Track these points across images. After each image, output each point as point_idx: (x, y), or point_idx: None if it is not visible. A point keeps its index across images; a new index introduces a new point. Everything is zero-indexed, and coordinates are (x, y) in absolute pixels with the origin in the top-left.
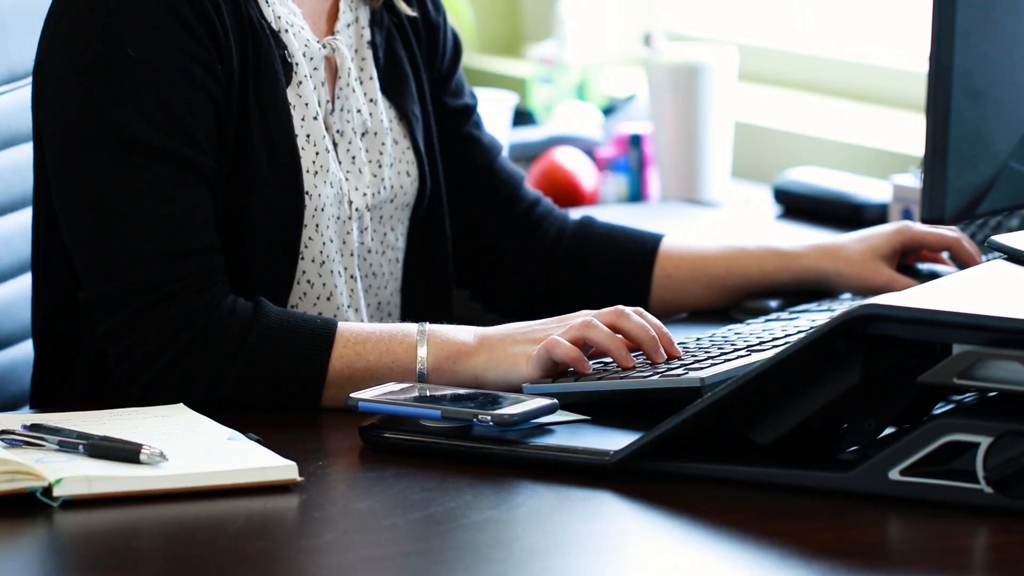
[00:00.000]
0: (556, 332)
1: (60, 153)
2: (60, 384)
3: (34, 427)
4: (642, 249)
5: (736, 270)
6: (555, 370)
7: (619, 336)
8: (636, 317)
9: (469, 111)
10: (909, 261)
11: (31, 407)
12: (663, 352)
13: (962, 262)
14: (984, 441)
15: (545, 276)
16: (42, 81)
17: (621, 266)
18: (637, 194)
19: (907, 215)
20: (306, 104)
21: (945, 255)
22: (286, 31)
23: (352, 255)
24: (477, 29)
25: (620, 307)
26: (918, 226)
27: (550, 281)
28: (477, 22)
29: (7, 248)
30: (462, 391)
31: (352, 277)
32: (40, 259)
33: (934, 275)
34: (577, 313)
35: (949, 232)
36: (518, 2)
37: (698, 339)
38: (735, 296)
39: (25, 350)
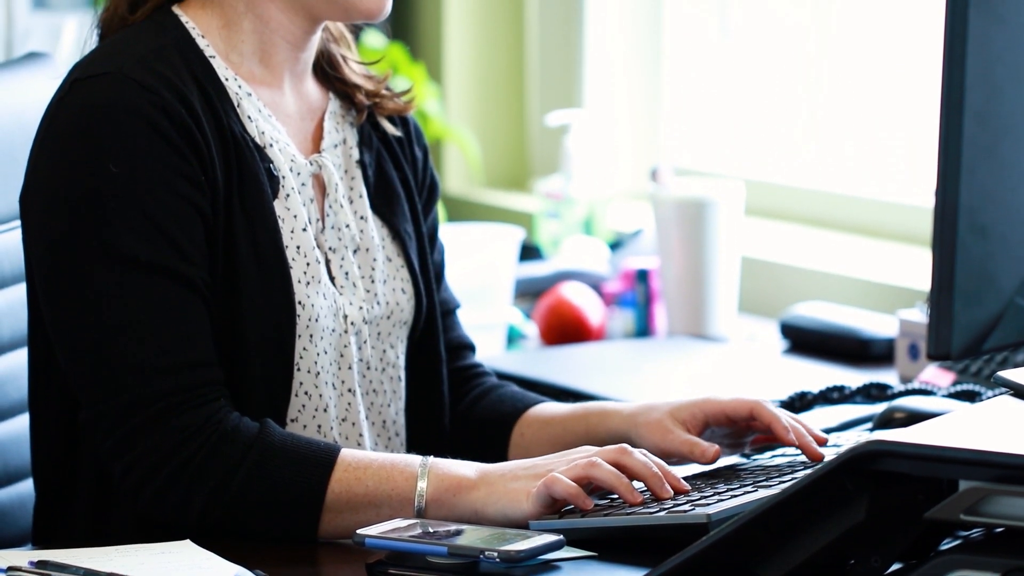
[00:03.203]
0: (559, 469)
1: (51, 275)
2: (62, 517)
3: (41, 564)
4: (511, 411)
5: (570, 428)
6: (555, 507)
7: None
8: (639, 455)
9: (436, 268)
10: (755, 442)
11: (33, 544)
12: (668, 488)
13: (768, 426)
14: None
15: (437, 432)
16: (29, 207)
17: (489, 427)
18: (644, 329)
19: (914, 350)
20: (295, 216)
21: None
22: (271, 146)
23: (351, 369)
24: (484, 163)
25: (623, 445)
26: (721, 396)
27: (441, 438)
28: (484, 156)
29: (15, 383)
30: (466, 527)
31: (351, 391)
32: (39, 393)
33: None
34: (580, 449)
35: (748, 398)
36: (525, 137)
37: (703, 475)
38: None
39: (25, 488)
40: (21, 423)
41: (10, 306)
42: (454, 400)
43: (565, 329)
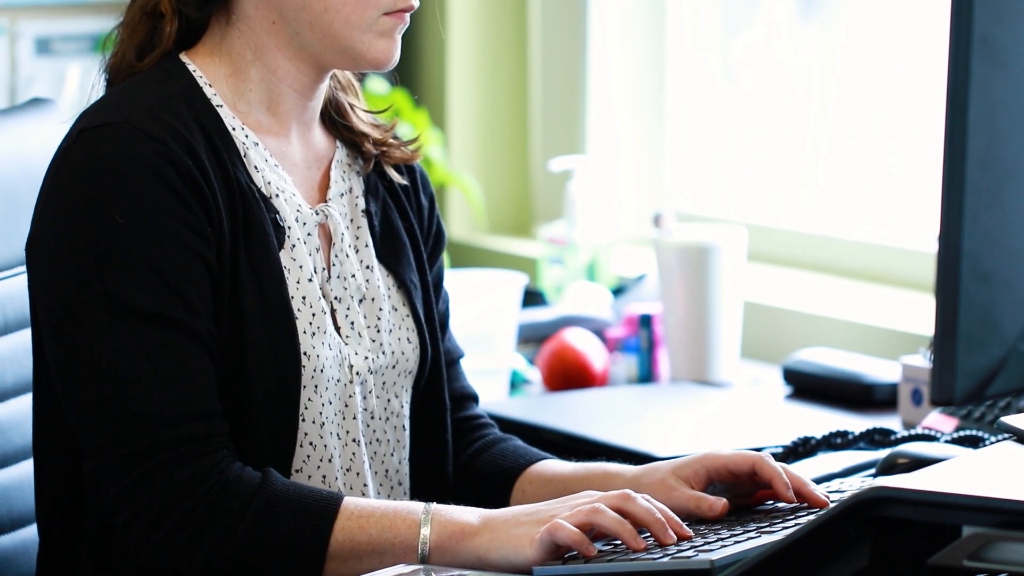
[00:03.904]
0: (562, 514)
1: (56, 325)
2: (66, 564)
3: None
4: (513, 466)
5: (572, 487)
6: (559, 553)
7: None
8: (642, 501)
9: (440, 318)
10: (757, 497)
11: None
12: (672, 534)
13: (769, 481)
14: None
15: (440, 481)
16: (35, 256)
17: (491, 481)
18: (647, 375)
19: (917, 395)
20: (300, 267)
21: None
22: (276, 196)
23: (355, 419)
24: (487, 209)
25: (626, 491)
26: (722, 451)
27: (445, 487)
28: (487, 202)
29: (19, 429)
30: (470, 573)
31: (355, 441)
32: (43, 440)
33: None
34: (583, 494)
35: (750, 452)
36: (528, 182)
37: (707, 520)
38: None
39: (29, 534)
40: (25, 468)
41: (13, 352)
42: (455, 452)
43: (568, 374)
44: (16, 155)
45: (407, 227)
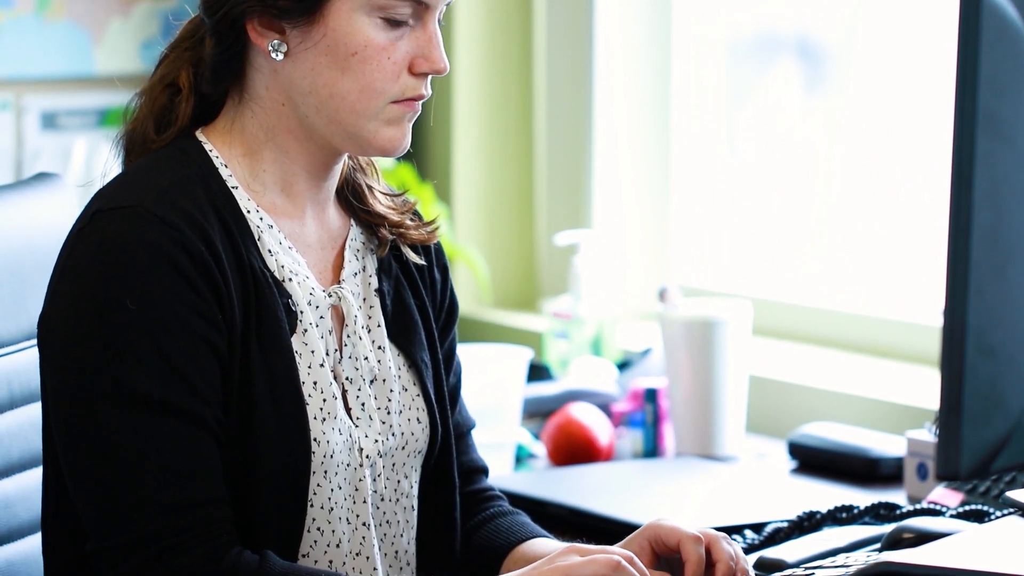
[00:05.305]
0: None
1: (63, 406)
2: None
3: None
4: (504, 544)
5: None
6: None
7: None
8: (630, 568)
9: (452, 391)
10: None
11: None
12: None
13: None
14: None
15: (448, 559)
16: (46, 335)
17: (484, 556)
18: (653, 449)
19: (922, 470)
20: (312, 352)
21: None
22: (290, 279)
23: (365, 502)
24: (493, 284)
25: (615, 558)
26: (664, 522)
27: (452, 565)
28: (493, 277)
29: (25, 504)
30: None
31: (365, 525)
32: (49, 515)
33: None
34: (565, 553)
35: (679, 529)
36: (534, 257)
37: None
38: None
39: None
40: (30, 544)
41: (20, 426)
42: (461, 524)
43: (574, 449)
44: (22, 230)
45: (419, 305)
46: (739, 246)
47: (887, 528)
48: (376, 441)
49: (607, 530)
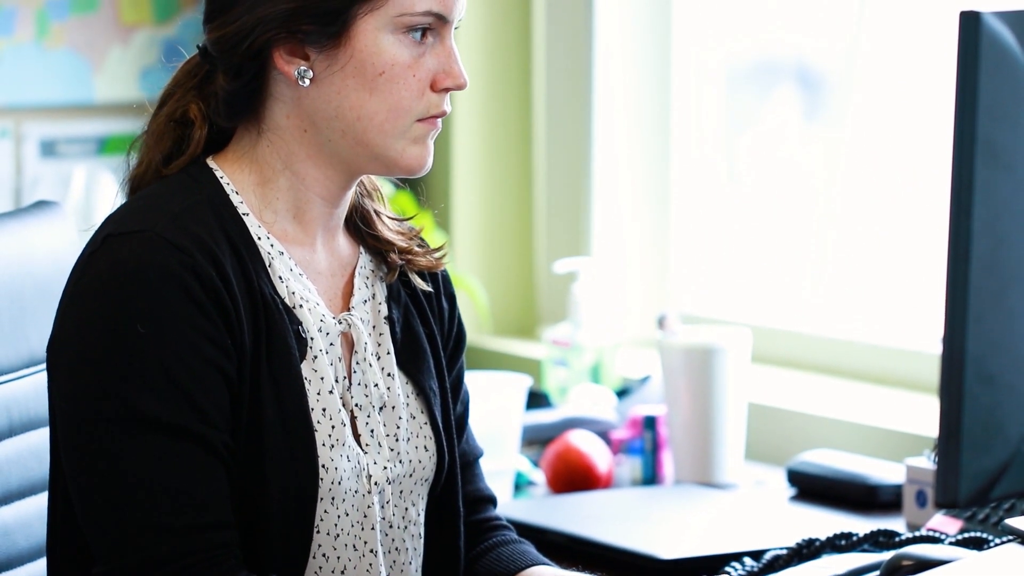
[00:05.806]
0: None
1: (71, 430)
2: None
3: None
4: (504, 572)
5: None
6: None
7: None
8: None
9: (459, 420)
10: None
11: None
12: None
13: None
14: None
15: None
16: (55, 359)
17: None
18: (652, 476)
19: (921, 497)
20: (321, 378)
21: None
22: (300, 306)
23: (374, 529)
24: (492, 311)
25: None
26: None
27: None
28: (492, 304)
29: (24, 532)
30: None
31: (372, 552)
32: (56, 540)
33: None
34: None
35: None
36: (533, 285)
37: None
38: None
39: None
40: (30, 571)
41: (19, 454)
42: (465, 552)
43: (573, 476)
44: (21, 258)
45: (428, 332)
46: (738, 273)
47: (886, 555)
48: (384, 468)
49: (606, 558)
